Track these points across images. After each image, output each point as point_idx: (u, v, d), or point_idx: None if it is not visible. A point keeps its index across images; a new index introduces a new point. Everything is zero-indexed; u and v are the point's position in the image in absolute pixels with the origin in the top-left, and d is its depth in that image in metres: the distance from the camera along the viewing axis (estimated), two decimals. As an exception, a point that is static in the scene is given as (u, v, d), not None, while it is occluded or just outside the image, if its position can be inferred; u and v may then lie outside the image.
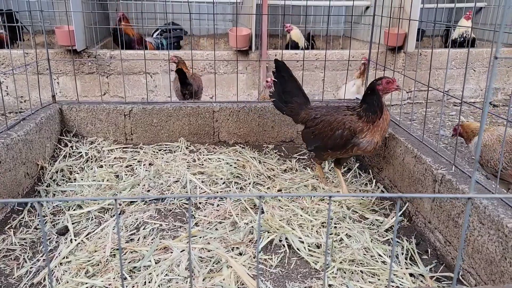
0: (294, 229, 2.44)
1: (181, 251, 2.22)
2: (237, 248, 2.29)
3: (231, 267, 2.09)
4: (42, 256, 2.26)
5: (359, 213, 2.69)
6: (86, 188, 2.94)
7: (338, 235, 2.42)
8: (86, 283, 2.01)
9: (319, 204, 2.75)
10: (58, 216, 2.63)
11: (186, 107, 3.64)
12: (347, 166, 3.42)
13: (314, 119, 2.97)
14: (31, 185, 2.95)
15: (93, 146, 3.52)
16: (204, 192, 2.91)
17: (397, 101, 5.82)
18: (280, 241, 2.37)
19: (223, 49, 7.11)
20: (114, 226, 2.43)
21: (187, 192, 2.77)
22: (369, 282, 2.06)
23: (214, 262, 2.16)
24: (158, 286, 2.00)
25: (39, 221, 2.20)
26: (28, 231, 2.48)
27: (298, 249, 2.30)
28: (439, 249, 2.29)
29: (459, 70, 6.03)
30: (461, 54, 6.00)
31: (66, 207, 2.70)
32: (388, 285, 1.60)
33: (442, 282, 2.11)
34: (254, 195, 0.95)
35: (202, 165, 3.32)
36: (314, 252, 2.28)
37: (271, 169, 3.31)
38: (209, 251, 2.24)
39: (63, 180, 3.07)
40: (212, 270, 2.11)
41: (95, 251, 2.24)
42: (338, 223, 2.54)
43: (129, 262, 2.16)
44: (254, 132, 3.75)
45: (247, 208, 2.69)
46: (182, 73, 4.14)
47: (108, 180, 3.03)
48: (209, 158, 3.42)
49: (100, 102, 3.69)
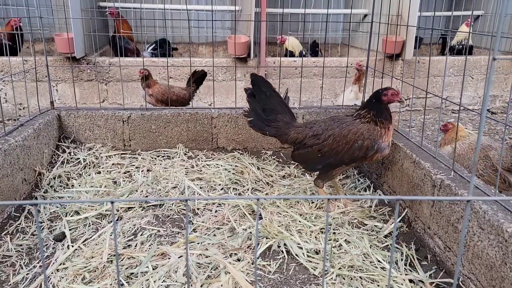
0: (292, 235, 2.43)
1: (179, 257, 2.21)
2: (235, 254, 2.27)
3: (229, 273, 2.08)
4: (38, 262, 2.24)
5: (358, 219, 2.68)
6: (83, 194, 2.93)
7: (337, 241, 2.40)
8: (83, 290, 2.00)
9: (318, 210, 2.74)
10: (55, 222, 2.62)
11: (184, 113, 3.64)
12: (346, 173, 3.41)
13: (316, 136, 2.73)
14: (29, 191, 2.93)
15: (91, 152, 3.51)
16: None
17: (395, 108, 5.83)
18: (278, 247, 2.35)
19: (222, 56, 7.13)
20: (111, 232, 2.41)
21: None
22: (368, 288, 2.04)
23: (212, 268, 2.14)
24: (156, 292, 1.98)
25: (36, 226, 2.18)
26: (24, 237, 2.46)
27: (296, 255, 2.28)
28: (439, 255, 2.28)
29: (457, 77, 6.05)
30: (459, 61, 6.02)
31: (63, 213, 2.69)
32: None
33: (442, 288, 2.10)
34: (251, 197, 0.95)
35: (201, 171, 3.31)
36: (313, 258, 2.27)
37: (270, 175, 3.30)
38: (207, 257, 2.23)
39: (61, 186, 3.05)
40: (210, 276, 2.09)
41: (92, 257, 2.23)
42: (337, 229, 2.53)
43: (126, 268, 2.15)
44: (252, 138, 3.74)
45: (246, 214, 2.67)
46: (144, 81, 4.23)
47: (106, 186, 3.02)
48: (207, 164, 3.42)
49: (98, 108, 3.69)
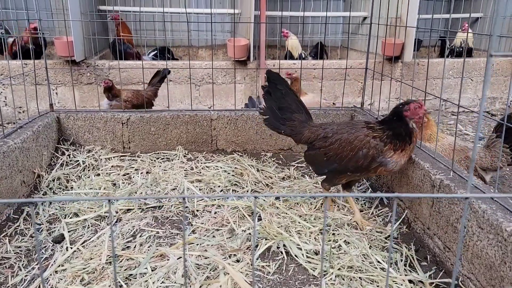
0: (292, 236, 2.42)
1: (177, 258, 2.20)
2: (234, 255, 2.26)
3: (228, 274, 2.07)
4: (37, 264, 2.23)
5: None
6: (83, 196, 2.93)
7: (337, 242, 2.40)
8: (81, 291, 1.99)
9: (317, 211, 2.74)
10: (54, 224, 2.61)
11: (183, 115, 3.64)
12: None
13: (325, 139, 2.58)
14: (28, 193, 2.93)
15: (90, 155, 3.51)
16: (201, 199, 2.89)
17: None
18: (278, 248, 2.34)
19: (222, 59, 7.14)
20: (110, 234, 2.41)
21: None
22: (368, 288, 2.04)
23: (211, 269, 2.14)
24: (154, 293, 1.98)
25: (34, 227, 2.16)
26: (23, 239, 2.46)
27: (296, 255, 2.27)
28: (439, 255, 2.27)
29: (457, 79, 6.06)
30: (458, 63, 6.03)
31: (62, 215, 2.68)
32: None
33: (442, 289, 2.09)
34: (249, 195, 0.95)
35: (200, 173, 3.31)
36: (312, 258, 2.26)
37: (269, 177, 3.30)
38: (206, 258, 2.22)
39: (60, 188, 3.05)
40: (209, 277, 2.09)
41: (91, 259, 2.22)
42: (336, 230, 2.52)
43: (125, 270, 2.14)
44: (252, 140, 3.74)
45: (245, 215, 2.67)
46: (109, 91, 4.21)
47: (105, 188, 3.02)
48: (206, 166, 3.41)
49: (97, 110, 3.69)
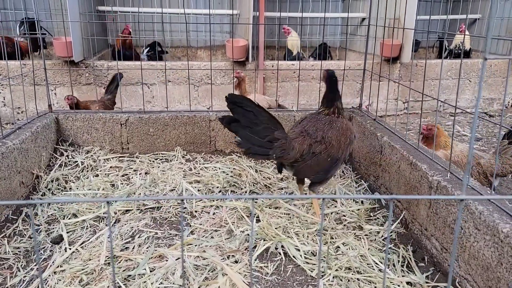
0: (290, 237, 2.43)
1: (176, 259, 2.21)
2: (232, 256, 2.27)
3: (227, 275, 2.08)
4: (35, 264, 2.24)
5: (356, 223, 2.68)
6: (81, 197, 2.93)
7: (334, 243, 2.41)
8: (80, 292, 2.00)
9: (315, 214, 2.75)
10: (53, 225, 2.62)
11: (182, 116, 3.65)
12: (344, 175, 3.42)
13: (321, 141, 2.55)
14: (26, 194, 2.93)
15: (89, 155, 3.52)
16: (200, 200, 2.90)
17: (393, 111, 5.85)
18: (276, 249, 2.35)
19: (220, 60, 7.15)
20: (109, 235, 2.41)
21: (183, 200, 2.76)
22: (365, 289, 2.04)
23: (209, 270, 2.14)
24: (153, 294, 1.98)
25: (33, 228, 2.16)
26: (22, 240, 2.46)
27: (294, 256, 2.28)
28: (436, 256, 2.28)
29: (455, 80, 6.07)
30: (456, 65, 6.05)
31: (61, 216, 2.69)
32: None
33: (439, 289, 2.10)
34: (247, 197, 0.95)
35: (199, 174, 3.32)
36: (310, 259, 2.27)
37: (268, 178, 3.30)
38: (204, 259, 2.23)
39: (59, 189, 3.05)
40: (207, 278, 2.09)
41: (90, 260, 2.23)
42: (334, 231, 2.53)
43: (123, 271, 2.14)
44: (250, 141, 3.74)
45: (243, 216, 2.68)
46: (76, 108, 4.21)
47: (103, 189, 3.03)
48: (205, 167, 3.42)
49: (96, 111, 3.69)
